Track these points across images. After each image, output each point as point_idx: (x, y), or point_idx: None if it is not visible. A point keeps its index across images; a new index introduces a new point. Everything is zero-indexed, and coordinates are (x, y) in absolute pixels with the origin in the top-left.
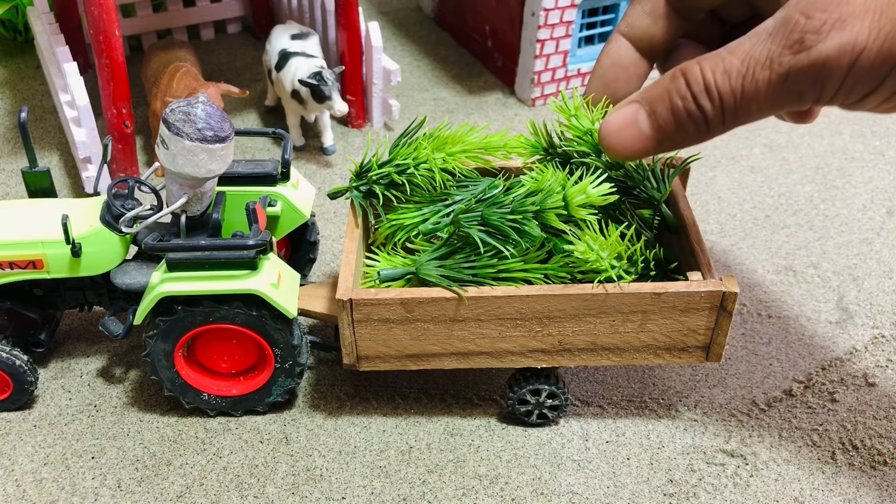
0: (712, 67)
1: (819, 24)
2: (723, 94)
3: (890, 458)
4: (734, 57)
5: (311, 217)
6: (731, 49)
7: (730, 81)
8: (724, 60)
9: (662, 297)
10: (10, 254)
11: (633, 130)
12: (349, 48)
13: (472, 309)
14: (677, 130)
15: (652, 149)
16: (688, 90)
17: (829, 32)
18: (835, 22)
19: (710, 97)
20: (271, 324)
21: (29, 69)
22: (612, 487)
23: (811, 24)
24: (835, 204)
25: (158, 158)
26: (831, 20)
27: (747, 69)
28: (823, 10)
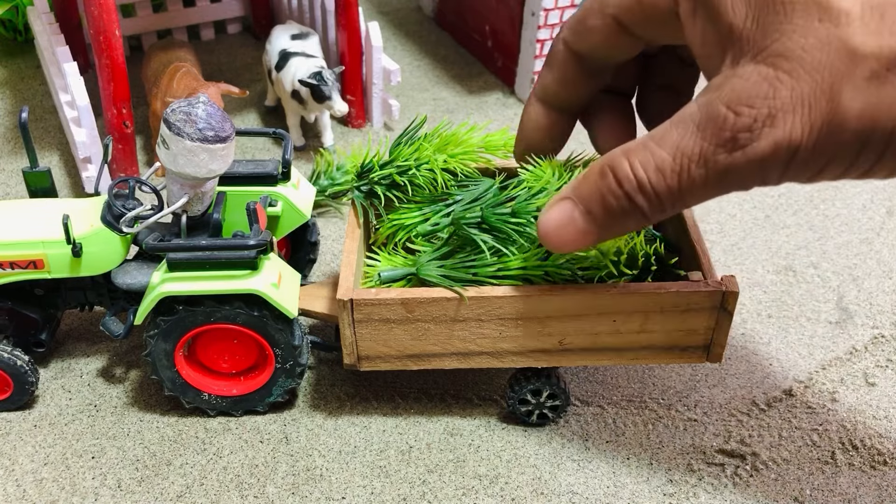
0: (643, 164)
1: (750, 122)
2: (659, 192)
3: (890, 458)
4: (664, 151)
5: (312, 218)
6: (657, 140)
7: (665, 180)
8: (654, 155)
9: (663, 297)
10: (11, 254)
11: (571, 228)
12: (349, 48)
13: (473, 309)
14: (616, 225)
15: (594, 242)
16: (620, 189)
17: (762, 130)
18: (765, 119)
19: (644, 195)
20: (272, 324)
21: (29, 69)
22: (612, 487)
23: (742, 122)
24: (835, 204)
25: (159, 158)
26: (761, 117)
27: (681, 167)
28: (750, 106)
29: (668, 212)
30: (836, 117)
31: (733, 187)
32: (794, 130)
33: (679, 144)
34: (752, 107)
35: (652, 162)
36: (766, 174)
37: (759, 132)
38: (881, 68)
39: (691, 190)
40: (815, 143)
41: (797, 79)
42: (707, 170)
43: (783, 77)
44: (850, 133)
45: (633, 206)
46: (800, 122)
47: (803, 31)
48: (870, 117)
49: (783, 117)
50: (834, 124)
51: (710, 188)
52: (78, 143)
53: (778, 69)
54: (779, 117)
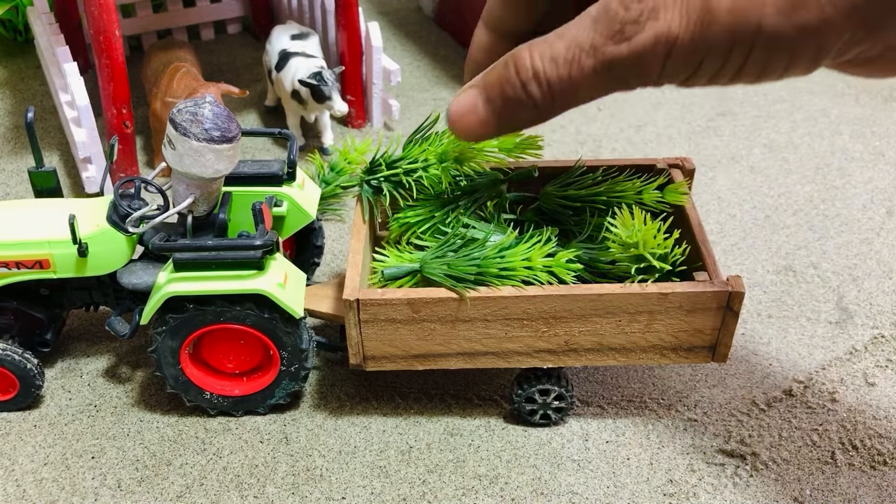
0: (541, 54)
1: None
2: (551, 81)
3: (890, 458)
4: (561, 43)
5: (318, 221)
6: (559, 34)
7: (557, 69)
8: (551, 47)
9: (669, 298)
10: (17, 253)
11: (473, 117)
12: (349, 48)
13: (479, 309)
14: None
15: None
16: (517, 78)
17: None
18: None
19: (538, 84)
20: (281, 326)
21: (29, 69)
22: (612, 487)
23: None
24: (835, 204)
25: (165, 158)
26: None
27: (573, 56)
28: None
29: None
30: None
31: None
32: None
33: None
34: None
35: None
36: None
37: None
38: None
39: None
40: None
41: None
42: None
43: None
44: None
45: (526, 95)
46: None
47: None
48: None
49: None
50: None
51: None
52: (78, 143)
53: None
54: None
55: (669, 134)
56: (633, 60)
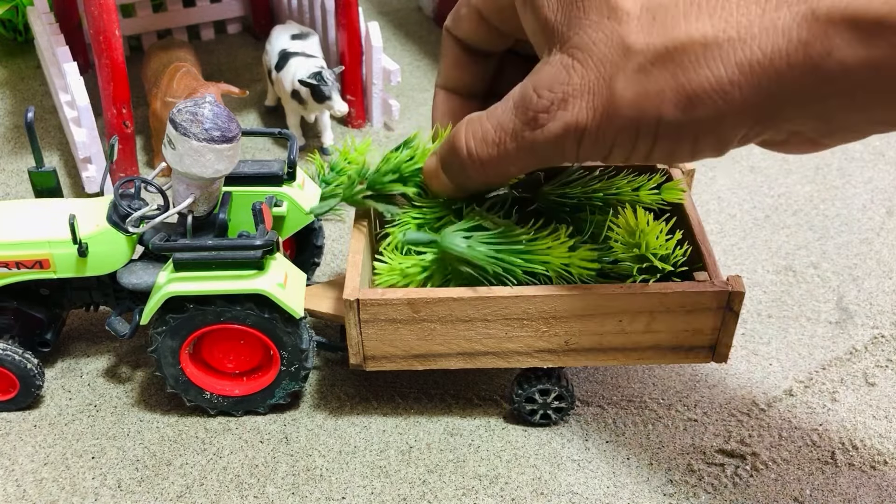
0: (473, 134)
1: (548, 104)
2: (482, 159)
3: (890, 458)
4: (489, 124)
5: (318, 221)
6: (489, 114)
7: (487, 149)
8: (482, 127)
9: (669, 298)
10: (17, 253)
11: (436, 179)
12: (349, 48)
13: (479, 309)
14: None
15: (453, 194)
16: (455, 154)
17: (556, 112)
18: (560, 102)
19: (472, 161)
20: (281, 326)
21: (29, 69)
22: (612, 487)
23: (541, 104)
24: (835, 204)
25: (165, 158)
26: (557, 100)
27: (499, 139)
28: (549, 90)
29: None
30: (613, 104)
31: (541, 160)
32: (580, 114)
33: (500, 119)
34: (551, 90)
35: (479, 133)
36: (563, 151)
37: (554, 114)
38: (646, 62)
39: (506, 159)
40: (598, 126)
41: (587, 68)
42: (517, 143)
43: (577, 66)
44: (625, 119)
45: (464, 170)
46: (585, 106)
47: (595, 26)
48: (638, 106)
49: (573, 102)
50: (611, 110)
51: (522, 160)
52: (78, 143)
53: (574, 58)
54: (570, 101)
55: None
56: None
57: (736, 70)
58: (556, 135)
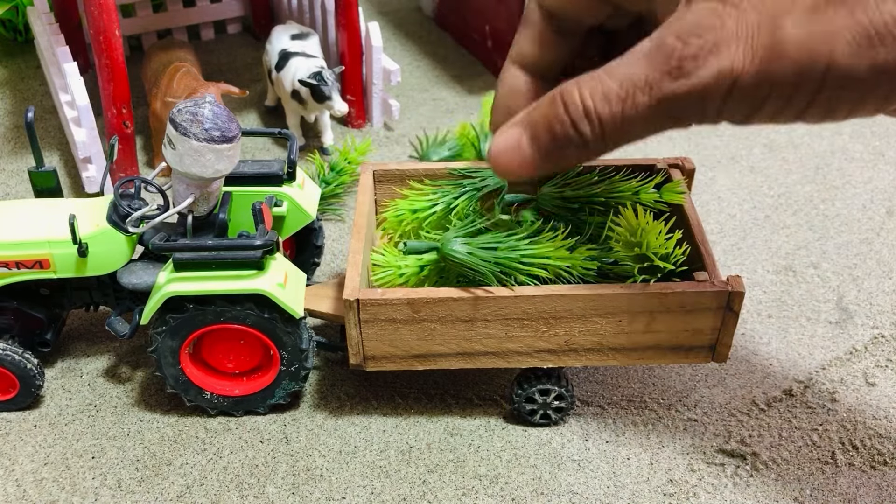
0: (591, 91)
1: (696, 50)
2: (602, 119)
3: (890, 458)
4: (612, 80)
5: (318, 221)
6: (608, 71)
7: (610, 106)
8: (601, 83)
9: (669, 298)
10: (17, 253)
11: (517, 154)
12: (349, 48)
13: (479, 309)
14: (558, 154)
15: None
16: (566, 115)
17: (707, 58)
18: (711, 47)
19: (589, 122)
20: (281, 326)
21: (29, 69)
22: (612, 487)
23: (688, 50)
24: (835, 204)
25: (165, 158)
26: (707, 46)
27: (626, 93)
28: (698, 36)
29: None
30: (778, 46)
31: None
32: (736, 59)
33: (627, 73)
34: (699, 36)
35: (600, 89)
36: (706, 105)
37: (704, 60)
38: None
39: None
40: (756, 71)
41: (743, 10)
42: (650, 97)
43: (730, 10)
44: (790, 63)
45: (576, 133)
46: (742, 50)
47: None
48: (808, 48)
49: (727, 46)
50: (775, 53)
51: (651, 118)
52: (78, 143)
53: (726, 3)
54: (723, 46)
55: (669, 134)
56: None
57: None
58: (705, 84)
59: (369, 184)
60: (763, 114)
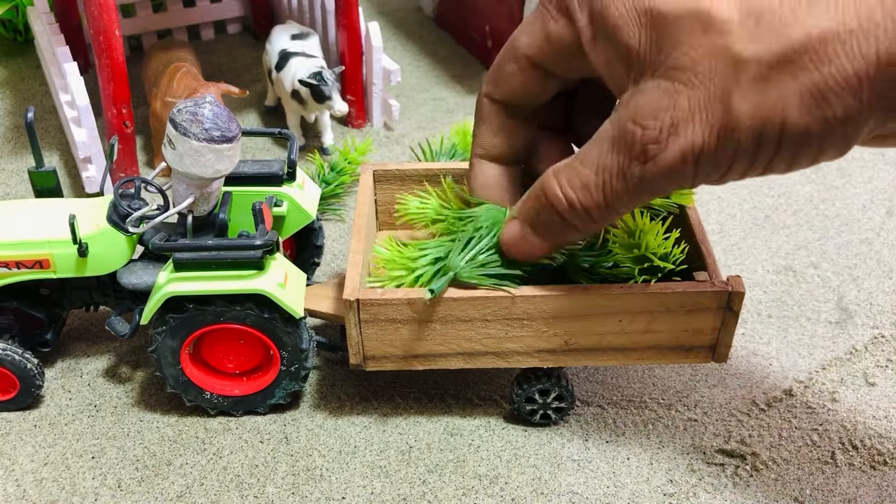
0: (570, 183)
1: (656, 134)
2: (587, 207)
3: (890, 458)
4: (587, 169)
5: (318, 221)
6: (581, 159)
7: (591, 196)
8: (578, 174)
9: (669, 298)
10: (17, 253)
11: (525, 245)
12: (349, 48)
13: (479, 309)
14: (559, 237)
15: (548, 252)
16: (553, 209)
17: (668, 140)
18: (669, 129)
19: (575, 212)
20: (281, 326)
21: (29, 69)
22: (612, 487)
23: (648, 135)
24: (835, 204)
25: (165, 158)
26: (665, 128)
27: (603, 182)
28: (654, 118)
29: (600, 223)
30: (731, 120)
31: (653, 193)
32: (695, 136)
33: (599, 161)
34: (656, 119)
35: (577, 180)
36: (679, 179)
37: (666, 143)
38: (762, 70)
39: (615, 202)
40: (716, 145)
41: (692, 88)
42: (626, 182)
43: (680, 87)
44: (746, 132)
45: (566, 223)
46: (700, 128)
47: (692, 43)
48: (760, 116)
49: (685, 125)
50: (730, 127)
51: (632, 197)
52: (78, 143)
53: (675, 81)
54: (681, 126)
55: None
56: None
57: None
58: (672, 163)
59: (369, 184)
60: (735, 172)
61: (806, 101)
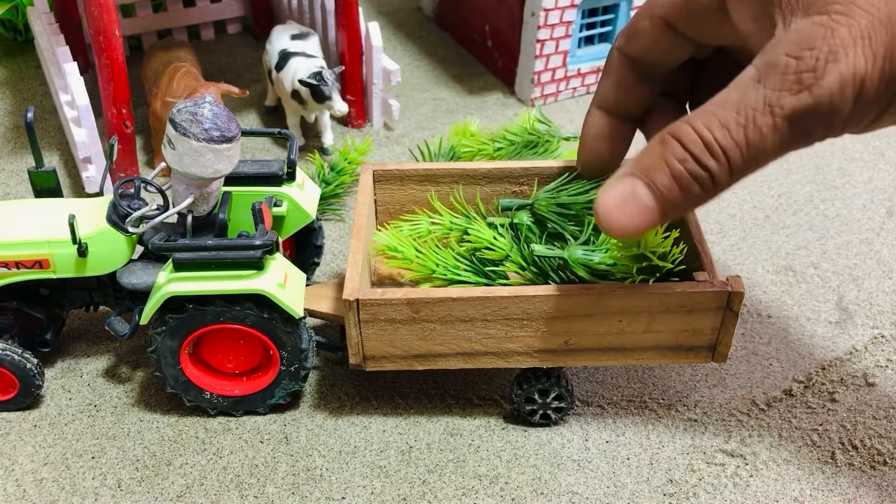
0: (706, 124)
1: (813, 62)
2: (726, 149)
3: (890, 458)
4: (726, 110)
5: (318, 221)
6: (718, 104)
7: (731, 134)
8: (716, 115)
9: (669, 298)
10: (17, 253)
11: (634, 205)
12: (349, 48)
13: (479, 309)
14: (682, 195)
15: (658, 220)
16: (686, 152)
17: (826, 67)
18: (828, 56)
19: (713, 155)
20: (281, 326)
21: (29, 69)
22: (612, 487)
23: (804, 64)
24: (835, 204)
25: (165, 158)
26: (823, 55)
27: (747, 119)
28: (811, 49)
29: (736, 177)
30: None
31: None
32: (857, 62)
33: (741, 99)
34: (812, 48)
35: (716, 120)
36: (833, 115)
37: (824, 70)
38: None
39: (759, 144)
40: (880, 72)
41: (853, 16)
42: (774, 117)
43: (838, 18)
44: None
45: (702, 170)
46: (862, 53)
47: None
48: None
49: (845, 52)
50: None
51: (778, 139)
52: (78, 143)
53: (832, 14)
54: (840, 53)
55: None
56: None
57: None
58: (830, 92)
59: (369, 184)
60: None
61: None
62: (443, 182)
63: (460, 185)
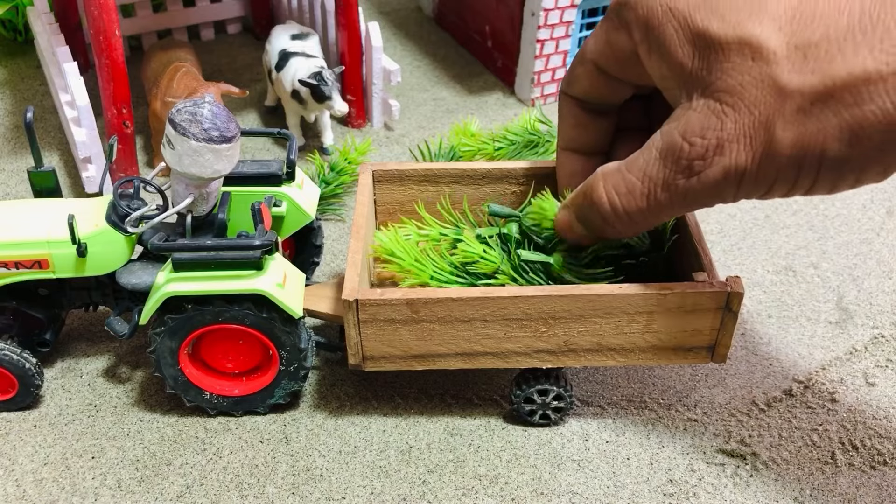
0: (615, 187)
1: (702, 151)
2: (629, 212)
3: (890, 458)
4: (633, 175)
5: (318, 220)
6: (628, 166)
7: (634, 201)
8: (624, 180)
9: (668, 298)
10: (16, 253)
11: (571, 233)
12: (349, 48)
13: (478, 309)
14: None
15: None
16: (596, 210)
17: (713, 158)
18: (715, 149)
19: (617, 216)
20: (280, 326)
21: (29, 69)
22: (612, 487)
23: (695, 151)
24: (835, 204)
25: (164, 158)
26: (711, 147)
27: (648, 190)
28: (702, 137)
29: (641, 226)
30: (773, 146)
31: (695, 206)
32: (739, 158)
33: (645, 170)
34: (703, 137)
35: (623, 186)
36: (721, 195)
37: (711, 160)
38: (805, 102)
39: (657, 210)
40: (758, 168)
41: (739, 112)
42: (670, 193)
43: (728, 111)
44: (786, 159)
45: (607, 223)
46: (744, 150)
47: (740, 69)
48: (800, 145)
49: (729, 147)
50: (772, 152)
51: (674, 208)
52: (78, 143)
53: (723, 103)
54: (726, 147)
55: None
56: (707, 191)
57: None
58: (715, 180)
59: (369, 184)
60: (776, 192)
61: (845, 134)
62: (443, 182)
63: (460, 185)
